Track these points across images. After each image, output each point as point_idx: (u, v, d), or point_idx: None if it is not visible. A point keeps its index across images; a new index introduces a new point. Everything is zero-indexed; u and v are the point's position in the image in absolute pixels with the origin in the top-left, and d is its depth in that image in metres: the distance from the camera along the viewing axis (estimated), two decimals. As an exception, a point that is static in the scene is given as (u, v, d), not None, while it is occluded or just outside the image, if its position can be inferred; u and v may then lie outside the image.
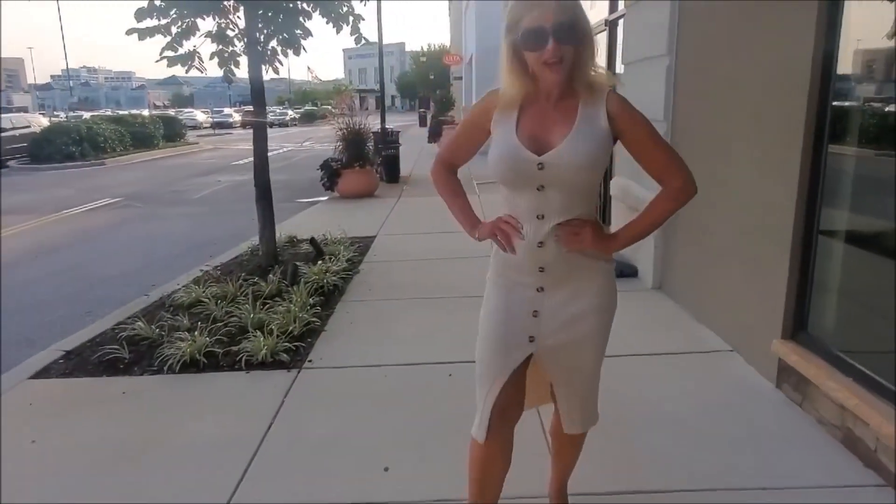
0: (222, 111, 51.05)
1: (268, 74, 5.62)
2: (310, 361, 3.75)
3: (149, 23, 4.76)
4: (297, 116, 51.27)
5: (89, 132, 21.06)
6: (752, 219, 3.44)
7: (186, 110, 59.23)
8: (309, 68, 72.02)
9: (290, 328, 4.04)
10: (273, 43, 5.49)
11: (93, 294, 6.10)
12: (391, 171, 11.98)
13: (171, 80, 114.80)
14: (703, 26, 4.12)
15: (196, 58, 5.08)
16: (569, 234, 1.73)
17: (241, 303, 4.50)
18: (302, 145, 21.74)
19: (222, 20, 5.06)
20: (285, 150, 23.77)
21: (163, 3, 4.63)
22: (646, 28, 4.93)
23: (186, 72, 5.21)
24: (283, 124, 48.01)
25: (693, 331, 4.03)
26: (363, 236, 7.19)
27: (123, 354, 3.86)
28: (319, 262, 5.56)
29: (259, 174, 5.47)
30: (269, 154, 5.86)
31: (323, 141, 11.42)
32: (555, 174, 1.68)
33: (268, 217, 5.51)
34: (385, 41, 12.09)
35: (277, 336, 3.91)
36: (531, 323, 1.84)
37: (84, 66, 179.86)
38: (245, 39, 5.20)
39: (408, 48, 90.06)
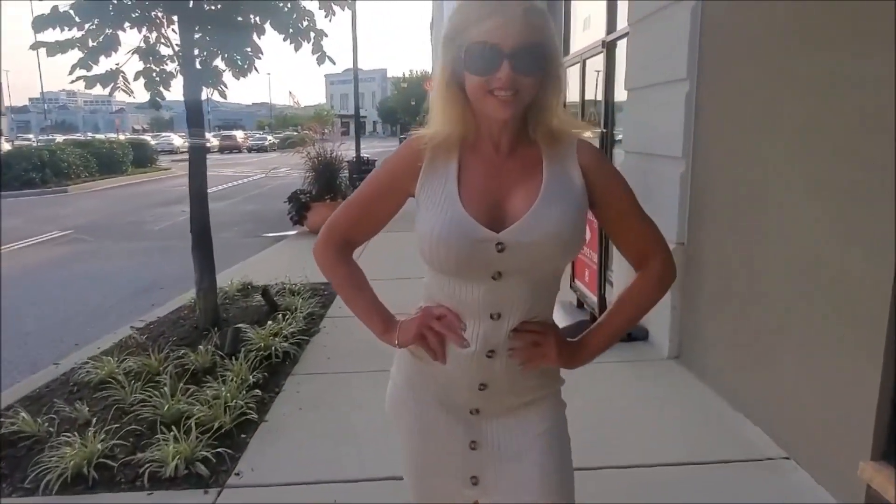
0: (199, 135, 49.90)
1: (213, 97, 4.79)
2: (236, 475, 2.84)
3: (57, 35, 3.91)
4: (277, 142, 50.45)
5: (52, 157, 19.96)
6: (822, 290, 2.62)
7: (164, 134, 58.32)
8: (291, 93, 71.35)
9: (218, 423, 3.13)
10: (218, 62, 4.67)
11: (3, 356, 5.16)
12: (366, 204, 11.08)
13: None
14: (737, 42, 3.34)
15: (120, 78, 4.22)
16: (528, 348, 1.28)
17: (161, 383, 3.57)
18: (267, 174, 20.81)
19: (151, 34, 4.21)
20: (258, 176, 22.73)
21: (69, 9, 3.76)
22: (658, 48, 4.16)
23: (110, 94, 4.35)
24: (262, 149, 47.20)
25: (731, 424, 3.18)
26: (329, 282, 6.28)
27: (-9, 464, 2.93)
28: (270, 321, 4.66)
29: (196, 215, 4.55)
30: (243, 181, 5.01)
31: (298, 167, 10.56)
32: (520, 256, 1.21)
33: (206, 268, 4.56)
34: (367, 67, 11.57)
35: (198, 436, 3.00)
36: (470, 459, 1.38)
37: (63, 90, 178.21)
38: (180, 57, 4.35)
39: (389, 74, 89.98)
